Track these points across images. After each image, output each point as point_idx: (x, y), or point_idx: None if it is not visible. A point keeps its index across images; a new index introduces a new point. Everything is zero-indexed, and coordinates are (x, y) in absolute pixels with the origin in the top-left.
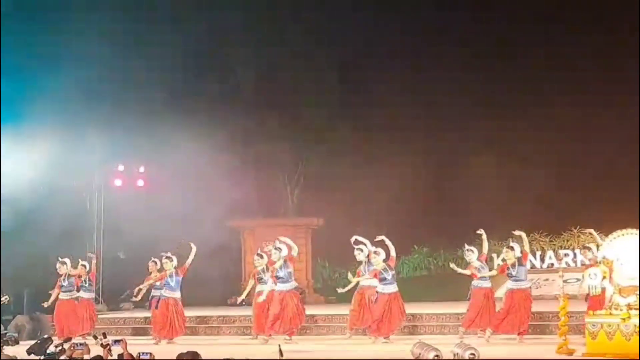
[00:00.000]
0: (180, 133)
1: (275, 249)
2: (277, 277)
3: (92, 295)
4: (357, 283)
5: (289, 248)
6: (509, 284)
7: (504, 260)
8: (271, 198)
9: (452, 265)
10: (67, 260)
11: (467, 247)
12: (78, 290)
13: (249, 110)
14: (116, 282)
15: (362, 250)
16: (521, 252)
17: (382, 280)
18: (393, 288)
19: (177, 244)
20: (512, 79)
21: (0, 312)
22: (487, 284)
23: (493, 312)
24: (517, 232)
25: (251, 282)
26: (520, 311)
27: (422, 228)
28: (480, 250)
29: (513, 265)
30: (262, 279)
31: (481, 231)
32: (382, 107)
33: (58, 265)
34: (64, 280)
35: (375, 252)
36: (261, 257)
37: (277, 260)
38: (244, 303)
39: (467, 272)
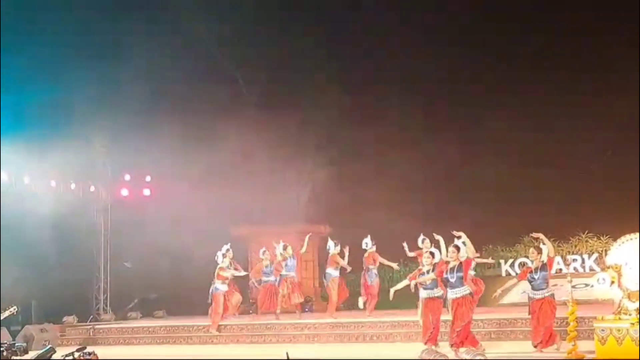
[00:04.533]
0: (186, 142)
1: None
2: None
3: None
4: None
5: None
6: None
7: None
8: (278, 205)
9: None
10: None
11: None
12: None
13: (254, 116)
14: (123, 291)
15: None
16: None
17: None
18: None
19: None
20: (519, 80)
21: (4, 322)
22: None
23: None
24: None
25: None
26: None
27: (429, 233)
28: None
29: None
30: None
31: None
32: (391, 113)
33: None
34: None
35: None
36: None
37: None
38: (250, 312)
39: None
